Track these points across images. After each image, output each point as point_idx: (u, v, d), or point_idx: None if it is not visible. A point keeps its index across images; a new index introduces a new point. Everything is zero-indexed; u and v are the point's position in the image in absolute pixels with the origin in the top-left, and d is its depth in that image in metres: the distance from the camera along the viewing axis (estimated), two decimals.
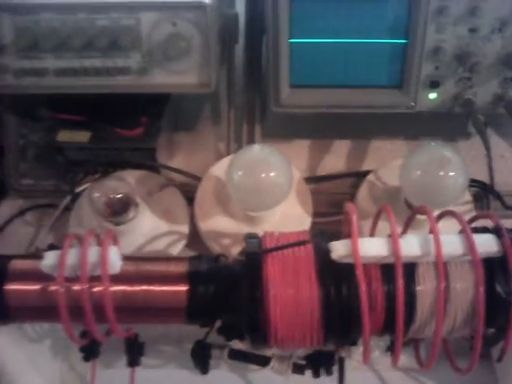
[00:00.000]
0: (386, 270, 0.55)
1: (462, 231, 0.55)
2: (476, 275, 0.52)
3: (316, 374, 0.64)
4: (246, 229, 0.76)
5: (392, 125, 0.87)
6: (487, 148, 0.73)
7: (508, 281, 0.53)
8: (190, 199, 0.83)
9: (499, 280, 0.53)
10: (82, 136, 0.87)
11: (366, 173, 0.83)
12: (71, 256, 0.55)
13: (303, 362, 0.65)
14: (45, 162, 0.92)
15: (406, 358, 0.72)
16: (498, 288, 0.53)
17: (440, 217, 0.58)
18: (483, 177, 0.82)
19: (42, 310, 0.58)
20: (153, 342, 0.68)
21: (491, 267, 0.53)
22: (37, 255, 0.60)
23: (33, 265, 0.59)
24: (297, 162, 0.86)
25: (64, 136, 0.88)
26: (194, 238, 0.80)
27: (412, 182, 0.69)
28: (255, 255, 0.56)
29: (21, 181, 0.91)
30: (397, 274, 0.51)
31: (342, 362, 0.62)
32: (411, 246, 0.53)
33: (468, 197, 0.77)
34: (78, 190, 0.85)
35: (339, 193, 0.84)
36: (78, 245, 0.59)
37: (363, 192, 0.79)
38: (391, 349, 0.61)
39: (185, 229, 0.80)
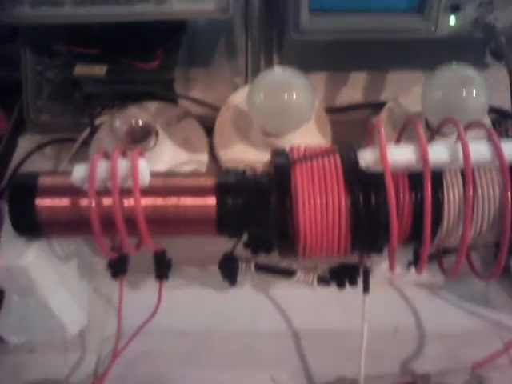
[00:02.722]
0: (414, 178, 0.55)
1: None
2: (503, 181, 0.52)
3: (341, 286, 0.65)
4: (266, 157, 0.76)
5: (410, 55, 0.87)
6: (509, 71, 0.72)
7: None
8: (207, 131, 0.83)
9: None
10: (99, 69, 0.87)
11: (386, 103, 0.83)
12: (101, 168, 0.56)
13: (327, 275, 0.66)
14: (62, 98, 0.92)
15: (427, 275, 0.73)
16: None
17: (466, 128, 0.58)
18: (502, 105, 0.82)
19: (73, 224, 0.59)
20: (178, 264, 0.69)
21: None
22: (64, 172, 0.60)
23: (62, 180, 0.59)
24: (315, 94, 0.86)
25: (81, 70, 0.87)
26: (214, 167, 0.81)
27: (434, 102, 0.69)
28: (284, 166, 0.56)
29: (39, 117, 0.91)
30: (425, 179, 0.52)
31: (366, 272, 0.63)
32: (439, 152, 0.53)
33: (488, 122, 0.77)
34: (97, 122, 0.85)
35: (357, 121, 0.84)
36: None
37: (383, 119, 0.79)
38: (415, 262, 0.63)
39: (204, 158, 0.81)
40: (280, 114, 0.69)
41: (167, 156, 0.79)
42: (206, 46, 0.93)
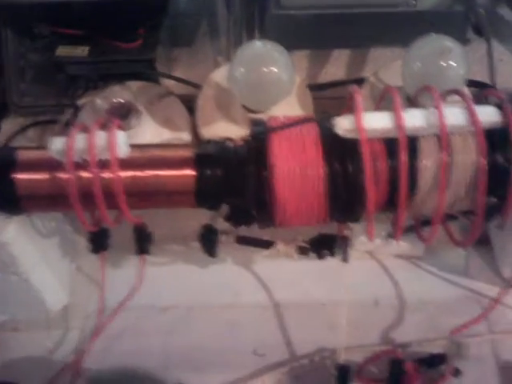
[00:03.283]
0: (390, 145, 0.55)
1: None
2: (478, 144, 0.53)
3: (320, 256, 0.66)
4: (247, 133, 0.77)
5: (391, 32, 0.87)
6: (487, 40, 0.73)
7: (509, 151, 0.53)
8: (189, 109, 0.83)
9: (500, 150, 0.54)
10: (81, 50, 0.87)
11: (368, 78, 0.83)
12: (79, 140, 0.56)
13: (307, 246, 0.67)
14: (44, 81, 0.92)
15: (406, 246, 0.74)
16: (499, 158, 0.54)
17: (445, 95, 0.58)
18: (482, 79, 0.82)
19: (52, 198, 0.59)
20: (159, 241, 0.69)
21: (493, 139, 0.54)
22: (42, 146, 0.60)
23: (41, 154, 0.59)
24: (298, 72, 0.86)
25: (63, 51, 0.88)
26: None
27: (412, 73, 0.69)
28: (261, 135, 0.56)
29: (21, 100, 0.91)
30: (400, 144, 0.52)
31: (345, 240, 0.63)
32: (414, 117, 0.54)
33: (468, 94, 0.78)
34: (80, 103, 0.84)
35: (340, 98, 0.84)
36: None
37: (365, 92, 0.79)
38: (393, 232, 0.63)
39: (186, 136, 0.80)
40: (260, 86, 0.69)
41: (149, 134, 0.79)
42: (188, 25, 0.93)
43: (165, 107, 0.83)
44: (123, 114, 0.76)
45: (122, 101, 0.76)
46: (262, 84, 0.69)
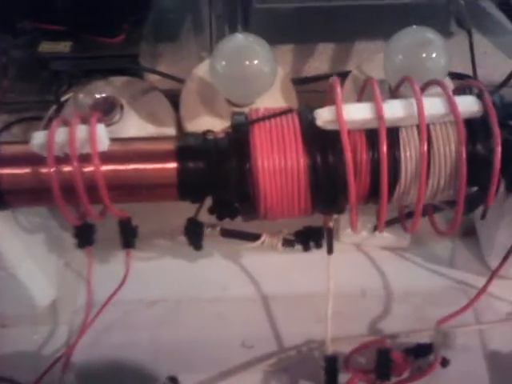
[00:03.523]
0: (371, 137, 0.55)
1: None
2: (458, 133, 0.53)
3: (306, 248, 0.66)
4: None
5: (375, 25, 0.87)
6: (468, 30, 0.73)
7: (489, 140, 0.54)
8: (174, 104, 0.83)
9: (480, 139, 0.54)
10: (64, 46, 0.87)
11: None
12: (60, 134, 0.56)
13: (293, 238, 0.67)
14: (28, 78, 0.91)
15: (392, 237, 0.74)
16: (479, 147, 0.54)
17: (425, 87, 0.58)
18: (466, 72, 0.83)
19: (35, 193, 0.59)
20: (146, 236, 0.69)
21: (473, 128, 0.55)
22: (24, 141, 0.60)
23: (23, 149, 0.59)
24: (282, 66, 0.86)
25: (46, 47, 0.87)
26: None
27: (394, 65, 0.69)
28: (242, 126, 0.56)
29: (5, 96, 0.91)
30: (380, 135, 0.52)
31: (330, 232, 0.63)
32: (394, 108, 0.54)
33: (451, 86, 0.78)
34: (63, 98, 0.84)
35: (324, 91, 0.84)
36: None
37: (348, 86, 0.79)
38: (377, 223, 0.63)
39: (171, 131, 0.80)
40: (242, 79, 0.69)
41: (133, 130, 0.79)
42: (172, 21, 0.93)
43: (149, 102, 0.82)
44: (107, 109, 0.76)
45: (104, 96, 0.75)
46: (243, 77, 0.69)
